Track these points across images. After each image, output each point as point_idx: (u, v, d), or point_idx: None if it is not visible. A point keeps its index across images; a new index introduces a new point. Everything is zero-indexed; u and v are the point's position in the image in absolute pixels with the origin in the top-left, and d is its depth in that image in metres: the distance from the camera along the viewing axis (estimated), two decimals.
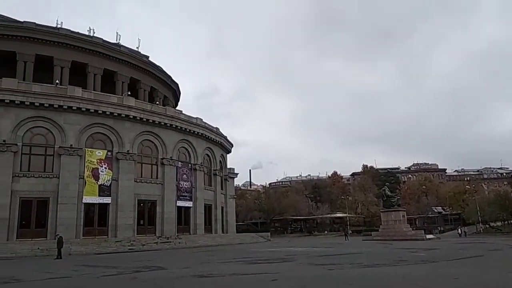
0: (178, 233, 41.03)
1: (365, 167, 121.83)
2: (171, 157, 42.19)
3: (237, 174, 62.16)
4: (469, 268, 15.54)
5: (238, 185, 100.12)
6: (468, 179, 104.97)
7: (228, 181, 56.29)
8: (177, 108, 59.59)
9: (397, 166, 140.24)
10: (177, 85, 63.31)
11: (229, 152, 58.26)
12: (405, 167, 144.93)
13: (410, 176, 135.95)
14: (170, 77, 60.09)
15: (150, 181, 40.34)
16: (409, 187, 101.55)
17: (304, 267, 16.63)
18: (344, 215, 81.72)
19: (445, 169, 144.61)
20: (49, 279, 14.73)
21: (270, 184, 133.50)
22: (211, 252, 29.57)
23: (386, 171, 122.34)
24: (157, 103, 50.92)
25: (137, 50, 55.49)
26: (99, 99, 37.72)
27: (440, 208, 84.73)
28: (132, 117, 38.80)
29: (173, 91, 63.07)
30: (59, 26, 49.96)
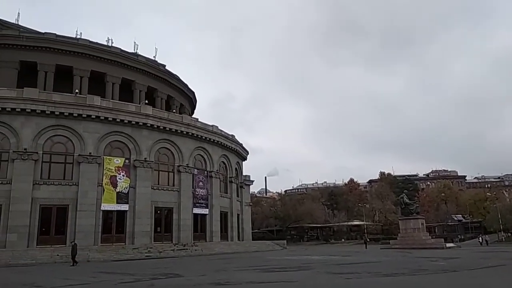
0: (194, 241, 41.14)
1: (382, 174, 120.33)
2: (187, 164, 42.49)
3: (252, 181, 62.18)
4: (491, 278, 15.14)
5: (253, 192, 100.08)
6: (488, 186, 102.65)
7: (243, 188, 56.31)
8: (193, 116, 60.17)
9: (415, 173, 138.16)
10: (193, 93, 63.93)
11: (245, 159, 58.35)
12: (424, 174, 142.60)
13: (428, 183, 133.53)
14: (186, 86, 60.75)
15: (166, 189, 40.67)
16: (427, 194, 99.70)
17: (321, 276, 16.46)
18: (361, 223, 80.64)
19: (465, 176, 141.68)
20: (68, 286, 14.94)
21: (285, 191, 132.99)
22: (227, 259, 29.54)
23: (404, 178, 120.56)
24: (174, 111, 51.47)
25: (154, 59, 56.40)
26: (117, 107, 38.36)
27: (460, 216, 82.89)
28: (149, 125, 39.30)
29: (189, 99, 63.69)
30: (78, 36, 51.28)
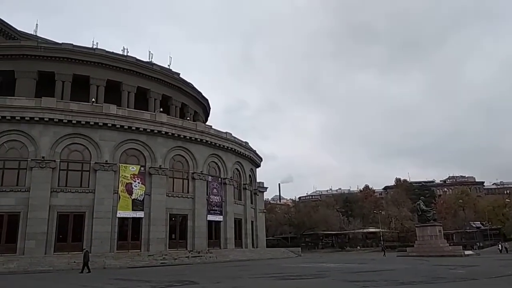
0: (208, 247, 41.20)
1: (398, 180, 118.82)
2: (201, 171, 42.71)
3: (266, 188, 62.10)
4: None
5: (267, 199, 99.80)
6: (507, 192, 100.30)
7: (257, 195, 56.26)
8: (207, 123, 60.56)
9: (431, 179, 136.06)
10: (207, 100, 64.39)
11: (258, 166, 58.36)
12: (440, 180, 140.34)
13: (445, 189, 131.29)
14: (200, 93, 61.24)
15: (181, 196, 40.90)
16: (445, 201, 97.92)
17: (337, 284, 16.30)
18: (377, 230, 79.63)
19: (483, 182, 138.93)
20: None
21: (300, 198, 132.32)
22: (242, 267, 29.47)
23: (420, 184, 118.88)
24: (188, 118, 51.92)
25: (168, 67, 57.07)
26: (133, 116, 38.88)
27: (478, 223, 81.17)
28: (164, 132, 39.69)
29: (203, 107, 64.16)
30: (94, 46, 52.21)
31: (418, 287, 14.46)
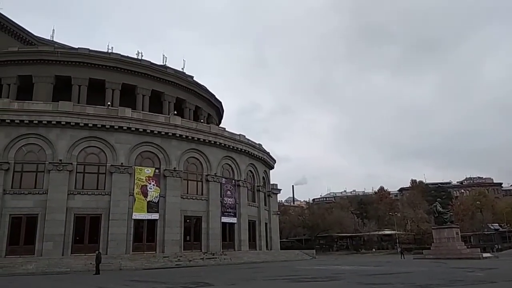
0: (223, 249, 41.32)
1: (413, 182, 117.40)
2: (215, 173, 42.88)
3: (280, 190, 61.98)
4: None
5: (281, 201, 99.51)
6: None
7: (271, 197, 56.21)
8: (221, 125, 60.76)
9: (448, 180, 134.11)
10: (220, 103, 64.66)
11: (272, 168, 58.31)
12: (457, 182, 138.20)
13: (462, 191, 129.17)
14: (213, 96, 61.54)
15: (195, 198, 41.13)
16: (462, 202, 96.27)
17: (352, 286, 16.18)
18: (392, 232, 78.71)
19: (501, 183, 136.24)
20: None
21: (313, 200, 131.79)
22: (256, 269, 29.46)
23: (436, 186, 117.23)
24: (202, 121, 52.20)
25: (182, 71, 57.55)
26: (148, 119, 39.27)
27: (496, 224, 79.63)
28: (178, 135, 39.99)
29: (216, 109, 64.45)
30: (110, 51, 53.02)
31: None
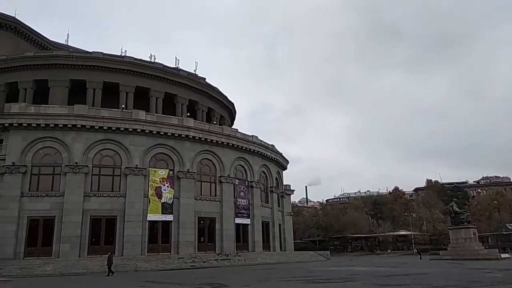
0: (237, 250, 41.38)
1: (429, 182, 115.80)
2: (228, 175, 42.99)
3: (293, 190, 61.82)
4: None
5: (294, 202, 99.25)
6: None
7: (284, 198, 56.11)
8: (233, 126, 60.90)
9: (464, 180, 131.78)
10: (232, 104, 64.84)
11: (285, 169, 58.20)
12: (474, 181, 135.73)
13: (479, 190, 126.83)
14: (226, 97, 61.73)
15: (209, 199, 41.31)
16: (479, 202, 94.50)
17: None
18: (408, 232, 77.71)
19: None
20: None
21: (327, 200, 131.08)
22: (270, 270, 29.43)
23: (452, 185, 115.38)
24: (214, 122, 52.40)
25: (194, 73, 57.89)
26: (161, 121, 39.61)
27: None
28: (191, 137, 40.24)
29: (229, 111, 64.64)
30: (123, 54, 53.63)
31: None
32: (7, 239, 32.21)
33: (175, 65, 56.75)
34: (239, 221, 43.22)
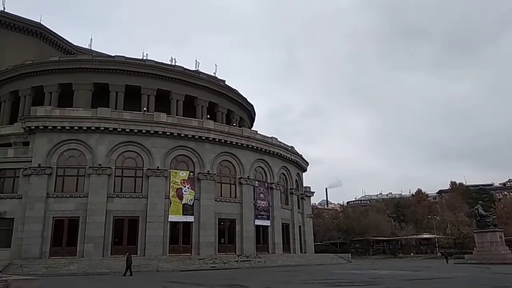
0: (257, 252, 41.37)
1: (453, 184, 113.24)
2: (248, 176, 43.06)
3: (313, 192, 61.40)
4: None
5: (314, 204, 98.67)
6: None
7: (304, 199, 55.78)
8: (253, 128, 61.02)
9: (490, 182, 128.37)
10: (252, 106, 64.97)
11: (305, 170, 57.88)
12: (500, 183, 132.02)
13: (506, 193, 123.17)
14: (245, 99, 61.90)
15: (229, 200, 41.47)
16: (505, 205, 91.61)
17: None
18: (431, 236, 76.12)
19: None
20: None
21: (348, 202, 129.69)
22: (291, 272, 29.30)
23: (477, 188, 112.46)
24: (234, 124, 52.61)
25: (214, 75, 58.34)
26: (182, 123, 40.07)
27: None
28: (211, 139, 40.52)
29: (248, 112, 64.79)
30: (144, 57, 54.55)
31: None
32: (33, 239, 33.10)
33: (195, 67, 57.38)
34: (259, 222, 43.21)
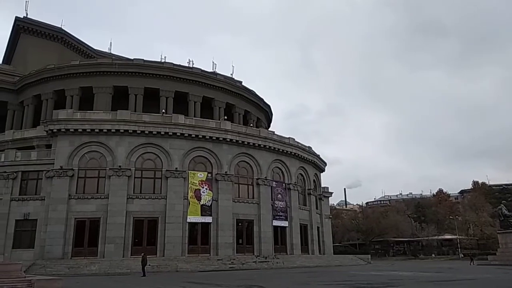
0: (275, 253, 41.30)
1: (475, 183, 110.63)
2: (265, 177, 43.04)
3: (331, 193, 60.93)
4: None
5: (332, 204, 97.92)
6: None
7: (322, 200, 55.41)
8: (270, 129, 60.99)
9: None
10: (269, 107, 64.92)
11: (323, 171, 57.52)
12: None
13: None
14: (262, 100, 61.91)
15: (247, 201, 41.52)
16: None
17: None
18: (453, 237, 74.60)
19: None
20: None
21: (367, 203, 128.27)
22: (310, 273, 29.15)
23: (501, 187, 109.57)
24: (251, 125, 52.67)
25: (231, 76, 58.55)
26: (199, 124, 40.37)
27: None
28: (228, 140, 40.68)
29: (265, 113, 64.77)
30: (162, 60, 55.12)
31: None
32: (56, 240, 33.88)
33: (212, 69, 57.70)
34: (277, 223, 43.13)
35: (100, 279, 25.48)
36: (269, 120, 67.74)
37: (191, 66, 53.92)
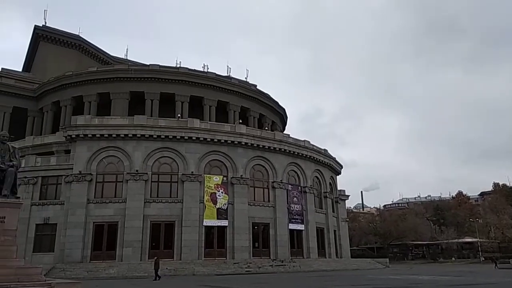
0: (291, 256, 41.09)
1: (496, 185, 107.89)
2: (281, 180, 42.91)
3: (348, 196, 60.33)
4: None
5: (349, 207, 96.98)
6: None
7: (339, 203, 54.94)
8: (284, 132, 60.88)
9: None
10: (283, 110, 64.88)
11: (339, 173, 57.06)
12: None
13: None
14: (277, 103, 61.91)
15: (262, 204, 41.45)
16: None
17: None
18: (474, 240, 73.00)
19: None
20: None
21: (384, 206, 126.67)
22: (327, 277, 28.91)
23: None
24: (266, 128, 52.68)
25: (245, 80, 58.77)
26: (215, 128, 40.62)
27: None
28: (244, 143, 40.75)
29: (280, 116, 64.73)
30: (178, 65, 55.71)
31: None
32: (75, 243, 34.42)
33: (227, 73, 58.08)
34: (293, 226, 42.92)
35: (118, 282, 25.77)
36: (284, 123, 67.67)
37: (205, 70, 54.37)
